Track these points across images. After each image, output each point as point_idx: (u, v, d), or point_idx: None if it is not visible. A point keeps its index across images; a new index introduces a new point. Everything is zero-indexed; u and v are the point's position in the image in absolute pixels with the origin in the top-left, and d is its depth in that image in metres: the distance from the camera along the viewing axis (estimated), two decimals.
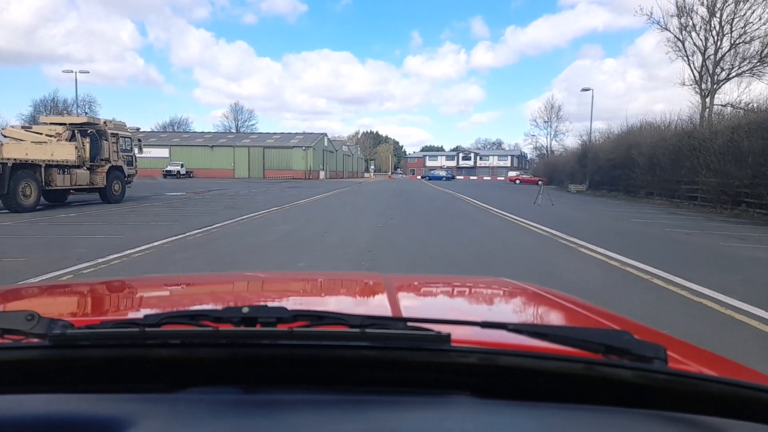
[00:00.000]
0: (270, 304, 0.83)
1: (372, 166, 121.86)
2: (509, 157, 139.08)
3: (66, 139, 17.18)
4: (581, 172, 40.90)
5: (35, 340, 0.73)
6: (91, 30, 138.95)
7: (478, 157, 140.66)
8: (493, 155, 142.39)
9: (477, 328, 0.82)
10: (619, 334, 0.78)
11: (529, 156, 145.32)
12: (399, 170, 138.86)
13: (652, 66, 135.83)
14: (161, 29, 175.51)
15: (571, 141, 79.97)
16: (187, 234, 9.81)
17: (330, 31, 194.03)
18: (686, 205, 21.86)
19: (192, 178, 59.83)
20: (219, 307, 0.78)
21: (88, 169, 17.58)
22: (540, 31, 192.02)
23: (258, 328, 0.74)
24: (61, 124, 17.68)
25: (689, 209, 20.56)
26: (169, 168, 59.11)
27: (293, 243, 9.06)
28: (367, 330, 0.73)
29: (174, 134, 71.34)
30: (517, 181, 60.55)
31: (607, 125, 70.78)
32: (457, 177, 76.10)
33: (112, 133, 18.77)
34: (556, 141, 77.20)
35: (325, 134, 71.50)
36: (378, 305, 1.44)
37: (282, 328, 0.73)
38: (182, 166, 60.09)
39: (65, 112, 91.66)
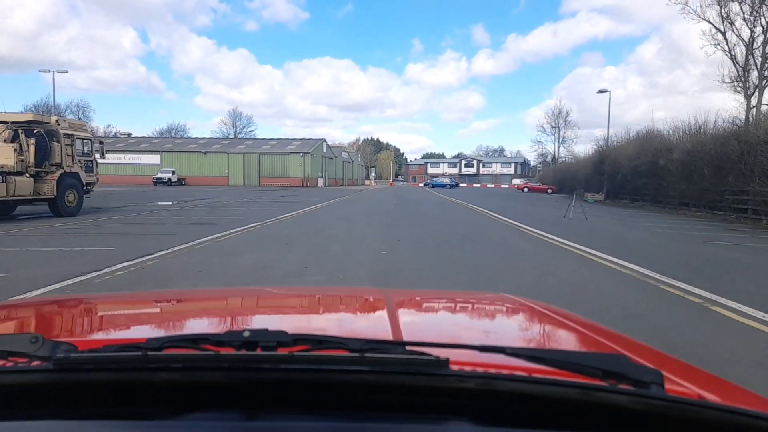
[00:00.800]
0: (271, 327, 0.77)
1: (373, 174, 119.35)
2: (512, 165, 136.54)
3: (5, 140, 14.27)
4: (598, 180, 37.97)
5: (39, 363, 0.74)
6: (93, 37, 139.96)
7: (480, 165, 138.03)
8: (496, 162, 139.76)
9: (476, 352, 0.82)
10: (617, 359, 0.79)
11: (532, 163, 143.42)
12: (400, 177, 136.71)
13: (652, 73, 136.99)
14: (163, 36, 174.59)
15: (580, 148, 76.96)
16: (105, 271, 6.85)
17: (331, 39, 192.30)
18: (734, 218, 18.88)
19: (184, 186, 57.06)
20: (220, 329, 0.79)
21: (32, 176, 14.65)
22: (541, 38, 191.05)
23: (259, 352, 0.74)
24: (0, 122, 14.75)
25: (745, 223, 17.59)
26: (159, 175, 56.28)
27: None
28: (367, 354, 0.73)
29: (166, 140, 68.57)
30: (525, 189, 57.63)
31: (614, 132, 68.59)
32: (460, 184, 73.15)
33: (65, 134, 15.77)
34: (564, 147, 74.53)
35: (324, 140, 68.75)
36: (378, 325, 1.40)
37: (282, 352, 0.74)
38: (174, 173, 57.28)
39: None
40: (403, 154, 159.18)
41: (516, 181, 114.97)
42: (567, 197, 43.94)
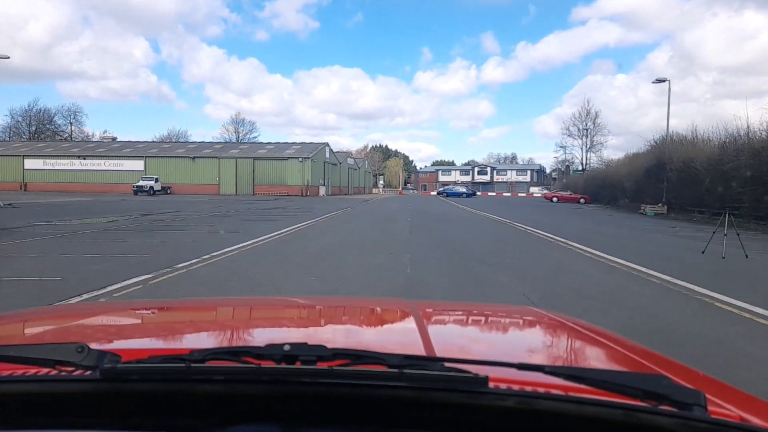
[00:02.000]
0: (307, 339, 0.80)
1: (381, 182, 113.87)
2: (528, 172, 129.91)
3: None
4: (653, 188, 30.99)
5: (85, 372, 0.76)
6: (105, 47, 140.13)
7: (494, 172, 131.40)
8: (511, 169, 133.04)
9: (514, 370, 0.81)
10: (658, 379, 0.78)
11: (548, 170, 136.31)
12: (410, 185, 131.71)
13: (663, 81, 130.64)
14: (174, 46, 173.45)
15: (610, 154, 69.57)
16: None
17: (341, 48, 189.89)
18: None
19: (169, 195, 50.72)
20: (260, 341, 0.83)
21: None
22: (551, 46, 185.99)
23: (298, 365, 0.75)
24: None
25: None
26: (140, 183, 49.94)
27: None
28: (405, 370, 0.73)
29: (152, 144, 62.20)
30: (555, 199, 50.66)
31: (624, 141, 62.01)
32: (447, 190, 66.09)
33: None
34: (592, 153, 67.50)
35: (326, 144, 62.17)
36: (411, 339, 1.38)
37: (322, 366, 0.75)
38: (156, 180, 50.93)
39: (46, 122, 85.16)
40: (412, 161, 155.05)
41: (534, 189, 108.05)
42: (606, 208, 37.46)
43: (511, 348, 1.50)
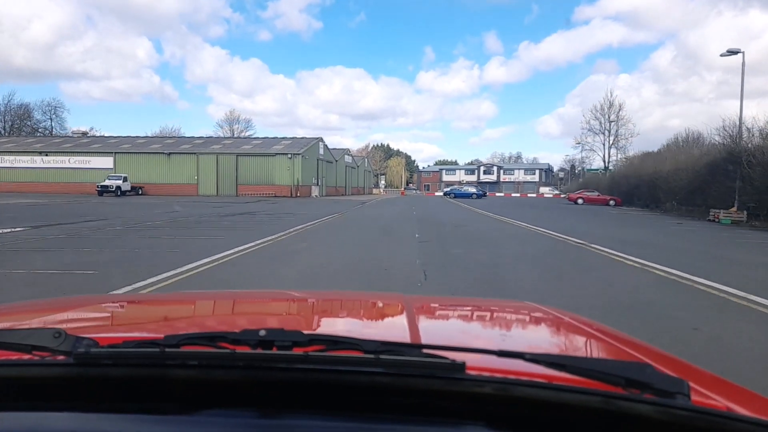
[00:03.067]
0: (286, 327, 0.80)
1: (383, 181, 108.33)
2: (537, 171, 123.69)
3: None
4: (721, 189, 24.72)
5: (61, 357, 0.77)
6: (109, 47, 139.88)
7: (501, 171, 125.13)
8: (518, 169, 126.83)
9: (493, 357, 0.81)
10: (641, 367, 0.76)
11: (554, 170, 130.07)
12: (412, 185, 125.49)
13: (667, 81, 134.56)
14: (177, 46, 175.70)
15: (638, 150, 63.08)
16: None
17: (344, 48, 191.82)
18: None
19: (141, 196, 44.51)
20: (237, 328, 0.81)
21: None
22: (554, 46, 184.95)
23: (274, 351, 0.75)
24: None
25: None
26: (106, 183, 43.68)
27: None
28: (382, 356, 0.73)
29: (124, 139, 55.76)
30: (580, 200, 44.28)
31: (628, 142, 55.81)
32: (455, 190, 59.30)
33: None
34: (616, 148, 61.13)
35: (320, 139, 55.81)
36: (396, 329, 1.41)
37: (297, 351, 0.74)
38: (125, 179, 44.68)
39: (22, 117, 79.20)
40: (414, 161, 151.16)
41: (544, 190, 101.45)
42: (653, 214, 31.18)
43: (494, 336, 1.47)
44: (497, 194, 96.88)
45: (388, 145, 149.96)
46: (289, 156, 47.78)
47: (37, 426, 0.71)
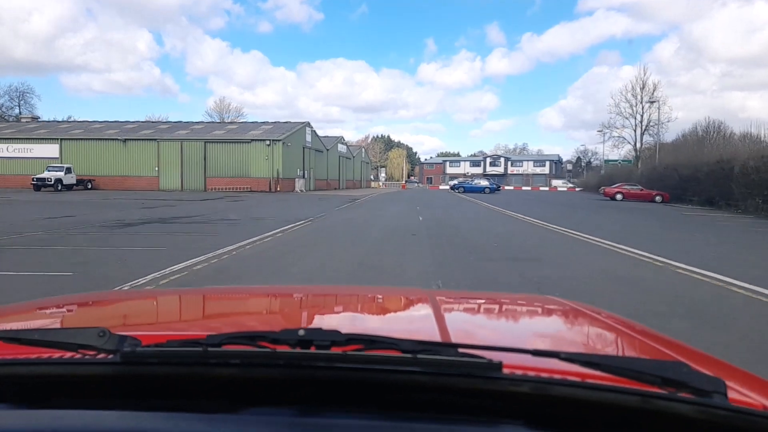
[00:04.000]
0: (323, 325, 0.82)
1: (383, 174, 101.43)
2: (547, 163, 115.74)
3: None
4: None
5: (106, 355, 0.78)
6: (109, 40, 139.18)
7: (509, 163, 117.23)
8: (527, 160, 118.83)
9: (529, 356, 0.80)
10: (677, 366, 0.75)
11: (564, 159, 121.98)
12: (413, 178, 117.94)
13: (670, 73, 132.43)
14: (178, 39, 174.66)
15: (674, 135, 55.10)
16: None
17: (345, 40, 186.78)
18: None
19: (90, 191, 36.89)
20: (275, 327, 0.83)
21: None
22: (557, 38, 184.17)
23: (313, 350, 0.76)
24: None
25: None
26: (44, 175, 36.00)
27: None
28: (419, 356, 0.74)
29: (75, 124, 47.76)
30: (619, 196, 36.44)
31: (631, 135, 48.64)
32: (464, 183, 50.86)
33: None
34: (649, 135, 53.16)
35: (307, 124, 47.90)
36: (426, 326, 1.40)
37: (336, 351, 0.75)
38: (68, 170, 36.99)
39: None
40: (416, 153, 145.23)
41: (557, 183, 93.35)
42: (715, 212, 23.64)
43: (527, 334, 1.48)
44: (506, 187, 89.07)
45: (388, 137, 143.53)
46: (268, 143, 39.94)
47: (87, 425, 0.72)
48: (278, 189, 39.66)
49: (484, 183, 49.24)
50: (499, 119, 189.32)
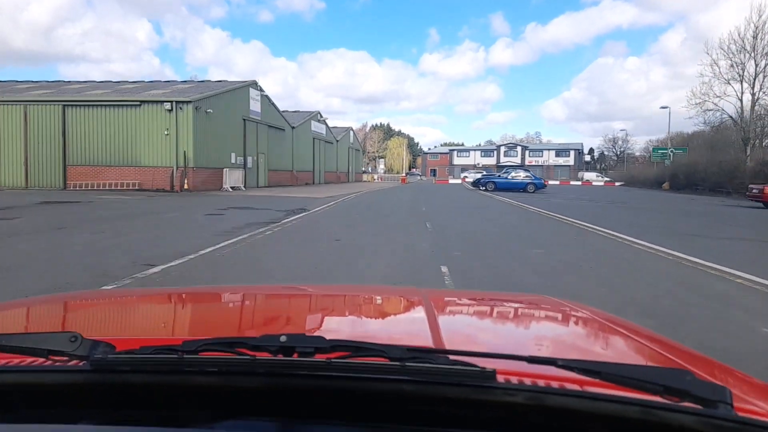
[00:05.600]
0: (306, 329, 0.82)
1: (381, 166, 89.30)
2: (571, 153, 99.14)
3: None
4: None
5: (77, 362, 0.75)
6: (108, 30, 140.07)
7: (527, 152, 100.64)
8: (548, 149, 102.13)
9: (524, 363, 0.76)
10: (680, 374, 0.72)
11: (587, 149, 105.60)
12: (416, 170, 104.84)
13: (676, 64, 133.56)
14: (177, 28, 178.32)
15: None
16: None
17: (347, 30, 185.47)
18: None
19: None
20: (256, 331, 0.83)
21: None
22: (561, 28, 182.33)
23: (295, 357, 0.73)
24: None
25: None
26: None
27: None
28: (408, 363, 0.71)
29: None
30: None
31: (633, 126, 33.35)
32: (494, 177, 34.79)
33: None
34: (764, 94, 36.40)
35: (253, 84, 31.04)
36: (417, 330, 1.31)
37: (320, 358, 0.72)
38: None
39: None
40: (417, 144, 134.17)
41: (589, 176, 76.57)
42: None
43: (523, 340, 1.40)
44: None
45: (388, 125, 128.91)
46: (168, 106, 23.36)
47: None
48: (185, 186, 23.17)
49: (522, 176, 32.54)
50: (503, 111, 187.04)
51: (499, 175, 34.20)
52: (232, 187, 26.09)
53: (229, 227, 10.40)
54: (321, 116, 44.43)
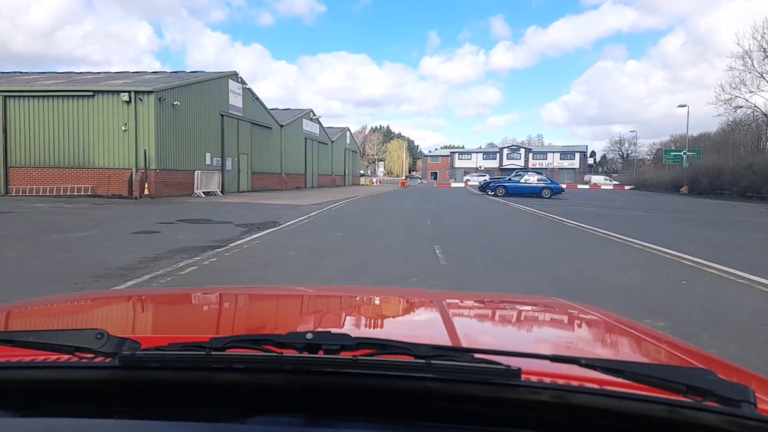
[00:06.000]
0: (330, 328, 0.83)
1: (381, 169, 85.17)
2: (577, 155, 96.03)
3: None
4: None
5: (104, 359, 0.75)
6: (109, 32, 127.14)
7: (530, 155, 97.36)
8: (552, 152, 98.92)
9: (547, 362, 0.77)
10: (703, 373, 0.71)
11: (591, 153, 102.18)
12: (416, 173, 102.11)
13: (676, 68, 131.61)
14: (178, 31, 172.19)
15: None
16: None
17: (347, 33, 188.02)
18: None
19: None
20: (281, 329, 0.80)
21: None
22: (562, 31, 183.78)
23: (321, 355, 0.73)
24: None
25: None
26: None
27: None
28: (433, 361, 0.70)
29: None
30: None
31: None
32: (504, 180, 30.72)
33: None
34: None
35: (232, 75, 27.23)
36: (435, 329, 1.30)
37: (345, 355, 0.73)
38: None
39: None
40: (417, 147, 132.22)
41: (597, 179, 72.85)
42: None
43: (542, 339, 1.39)
44: None
45: (388, 128, 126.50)
46: (127, 98, 19.87)
47: None
48: (146, 192, 19.66)
49: (536, 179, 28.97)
50: (502, 114, 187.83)
51: (510, 179, 30.61)
52: (205, 193, 22.61)
53: (141, 256, 6.94)
54: (314, 114, 40.88)
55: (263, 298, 1.86)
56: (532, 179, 28.93)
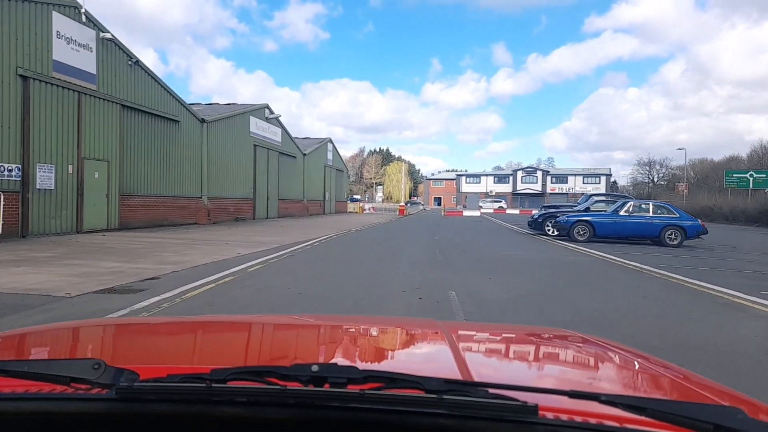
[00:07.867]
0: (336, 360, 0.79)
1: (379, 193, 79.59)
2: (602, 179, 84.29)
3: None
4: None
5: (101, 390, 0.72)
6: None
7: (548, 178, 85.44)
8: (574, 175, 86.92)
9: (565, 398, 0.72)
10: (731, 412, 0.68)
11: (612, 178, 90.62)
12: (417, 199, 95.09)
13: (677, 95, 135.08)
14: (182, 57, 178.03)
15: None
16: None
17: (350, 60, 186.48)
18: None
19: None
20: (285, 361, 0.79)
21: None
22: (563, 59, 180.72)
23: (327, 388, 0.70)
24: None
25: None
26: None
27: None
28: (446, 396, 0.67)
29: None
30: None
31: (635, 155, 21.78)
32: (583, 213, 17.25)
33: None
34: None
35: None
36: (444, 362, 1.25)
37: (352, 389, 0.70)
38: None
39: None
40: (419, 171, 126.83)
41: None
42: None
43: (558, 373, 1.32)
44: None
45: (387, 150, 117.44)
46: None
47: None
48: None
49: (650, 211, 16.02)
50: (503, 140, 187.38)
51: (589, 208, 17.85)
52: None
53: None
54: (271, 112, 28.07)
55: (266, 327, 1.76)
56: (640, 211, 16.16)
